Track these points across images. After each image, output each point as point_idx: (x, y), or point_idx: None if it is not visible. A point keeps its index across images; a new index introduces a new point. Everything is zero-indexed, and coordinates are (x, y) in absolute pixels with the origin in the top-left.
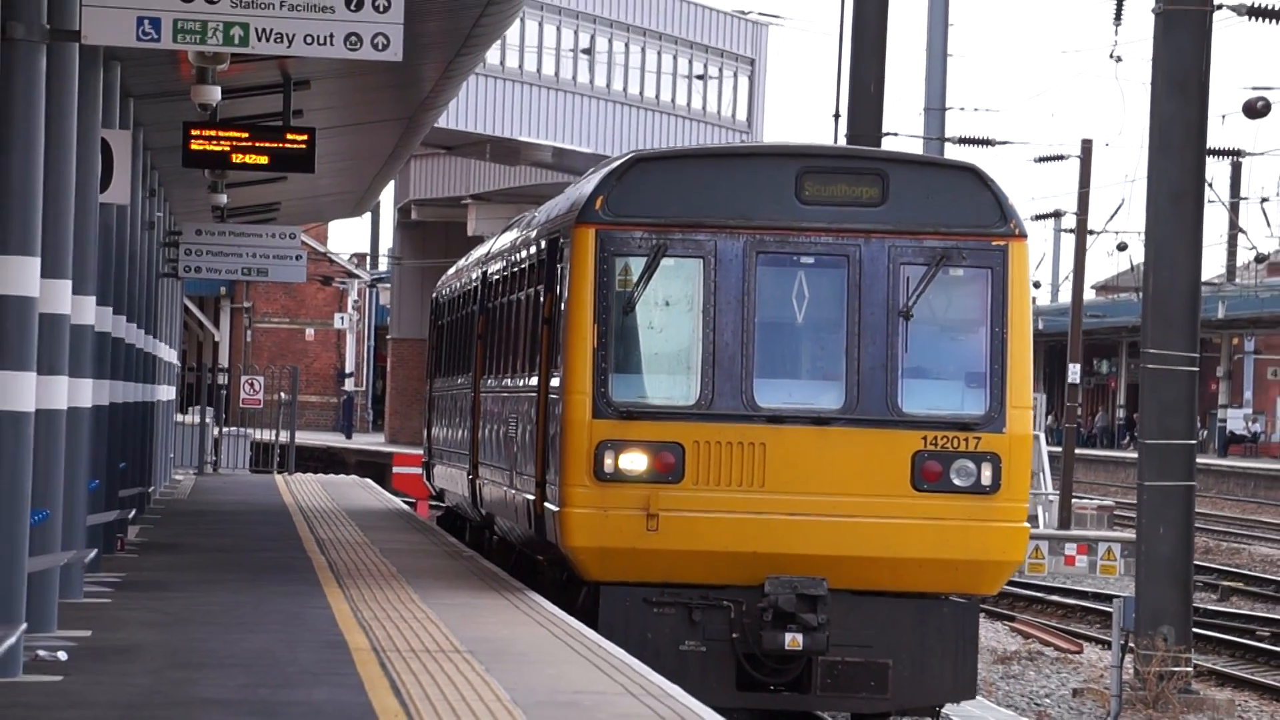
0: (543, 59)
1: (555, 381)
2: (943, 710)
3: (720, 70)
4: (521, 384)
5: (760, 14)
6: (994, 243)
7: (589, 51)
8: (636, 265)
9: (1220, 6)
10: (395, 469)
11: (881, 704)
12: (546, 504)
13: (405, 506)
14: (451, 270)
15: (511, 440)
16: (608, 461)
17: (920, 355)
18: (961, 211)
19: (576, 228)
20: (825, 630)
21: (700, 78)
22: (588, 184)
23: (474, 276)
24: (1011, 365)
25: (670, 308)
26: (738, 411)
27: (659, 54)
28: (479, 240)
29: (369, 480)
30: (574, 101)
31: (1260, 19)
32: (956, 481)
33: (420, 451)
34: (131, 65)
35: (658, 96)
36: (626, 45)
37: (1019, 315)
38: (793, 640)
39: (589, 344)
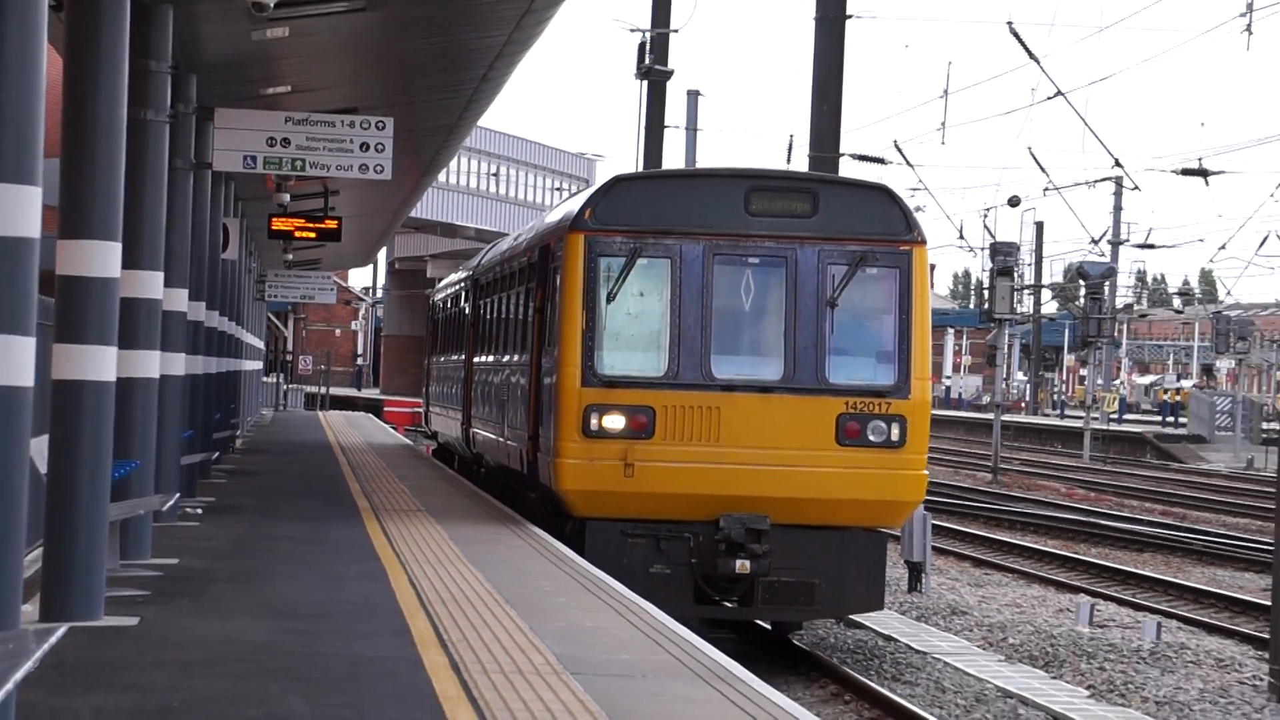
0: (469, 178)
1: (547, 358)
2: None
3: (571, 185)
4: (515, 359)
5: (591, 154)
6: (901, 247)
7: (496, 174)
8: (616, 264)
9: (844, 155)
10: (386, 409)
11: (810, 614)
12: (540, 454)
13: (392, 431)
14: (442, 283)
15: (503, 401)
16: (593, 421)
17: (843, 337)
18: (876, 223)
19: (569, 234)
20: (767, 557)
21: (559, 189)
22: (576, 201)
23: (463, 284)
24: (914, 345)
25: (644, 298)
26: (698, 381)
27: (536, 175)
28: (434, 282)
29: (371, 415)
30: (487, 203)
31: (865, 161)
32: (871, 438)
33: (402, 398)
34: (240, 181)
35: (534, 200)
36: (517, 171)
37: (920, 305)
38: (741, 565)
39: (579, 327)
